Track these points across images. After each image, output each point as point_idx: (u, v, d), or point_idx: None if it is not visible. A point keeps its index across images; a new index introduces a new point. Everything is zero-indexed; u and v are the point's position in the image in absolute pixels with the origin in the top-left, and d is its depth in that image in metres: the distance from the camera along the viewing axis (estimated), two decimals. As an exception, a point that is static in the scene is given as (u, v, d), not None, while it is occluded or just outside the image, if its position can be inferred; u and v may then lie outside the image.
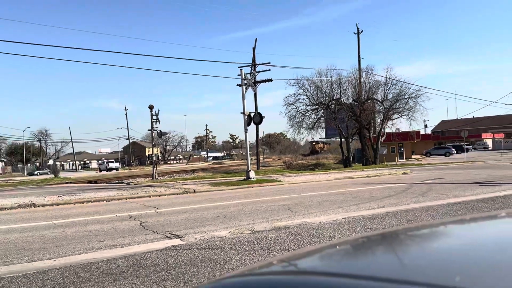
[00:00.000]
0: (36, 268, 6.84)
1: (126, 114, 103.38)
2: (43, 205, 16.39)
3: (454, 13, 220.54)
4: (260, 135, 55.11)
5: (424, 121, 72.92)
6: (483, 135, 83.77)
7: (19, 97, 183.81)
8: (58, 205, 16.59)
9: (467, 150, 60.11)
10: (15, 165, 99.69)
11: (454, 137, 76.34)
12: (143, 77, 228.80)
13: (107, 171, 73.57)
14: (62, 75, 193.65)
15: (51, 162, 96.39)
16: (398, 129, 49.02)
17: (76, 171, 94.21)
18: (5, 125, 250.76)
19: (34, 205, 16.44)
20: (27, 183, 39.34)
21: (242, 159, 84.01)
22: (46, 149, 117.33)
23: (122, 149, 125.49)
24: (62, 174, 57.99)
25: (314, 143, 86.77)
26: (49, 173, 76.89)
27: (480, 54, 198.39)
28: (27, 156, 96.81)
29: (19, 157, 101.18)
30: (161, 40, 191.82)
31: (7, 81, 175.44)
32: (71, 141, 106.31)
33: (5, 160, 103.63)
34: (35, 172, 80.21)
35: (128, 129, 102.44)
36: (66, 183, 36.46)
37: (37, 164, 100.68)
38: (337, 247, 1.26)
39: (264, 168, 43.89)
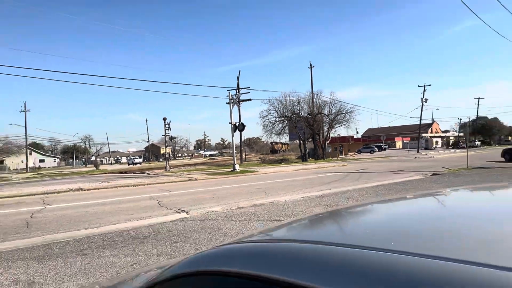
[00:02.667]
0: (83, 235, 6.73)
1: (146, 124, 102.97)
2: (88, 189, 16.06)
3: (377, 51, 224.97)
4: (243, 138, 54.99)
5: (356, 129, 74.50)
6: (396, 138, 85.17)
7: (72, 111, 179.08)
8: (98, 189, 16.27)
9: (385, 149, 61.32)
10: (67, 161, 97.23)
11: (376, 140, 77.33)
12: (159, 97, 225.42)
13: (133, 164, 72.18)
14: (101, 96, 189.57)
15: (93, 158, 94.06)
16: (339, 134, 49.83)
17: (111, 164, 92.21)
18: (60, 132, 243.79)
19: (81, 189, 16.09)
20: (75, 173, 38.35)
21: (229, 156, 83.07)
22: (90, 149, 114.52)
23: (144, 149, 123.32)
24: (101, 167, 56.68)
25: (273, 144, 79.82)
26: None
27: (390, 83, 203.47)
28: (75, 154, 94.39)
29: (70, 154, 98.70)
30: (174, 70, 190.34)
31: (60, 99, 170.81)
32: (108, 143, 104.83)
33: (60, 157, 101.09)
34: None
35: (148, 134, 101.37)
36: (105, 173, 35.66)
37: (83, 160, 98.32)
38: (299, 222, 1.29)
39: (245, 162, 43.74)
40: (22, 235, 6.95)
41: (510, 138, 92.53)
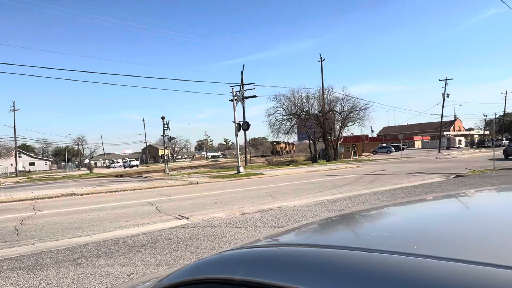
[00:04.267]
0: (76, 243, 6.78)
1: (144, 124, 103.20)
2: (81, 194, 16.18)
3: (392, 44, 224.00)
4: (248, 138, 55.01)
5: (371, 127, 73.76)
6: (415, 137, 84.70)
7: (63, 110, 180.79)
8: (92, 194, 16.39)
9: (403, 149, 60.89)
10: (59, 164, 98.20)
11: (393, 139, 76.98)
12: (157, 95, 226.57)
13: (129, 167, 72.59)
14: (96, 94, 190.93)
15: (87, 161, 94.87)
16: (352, 133, 49.78)
17: (106, 167, 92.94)
18: (52, 133, 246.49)
19: (74, 194, 16.22)
20: (68, 177, 38.64)
21: (233, 158, 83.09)
22: (83, 151, 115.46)
23: (141, 150, 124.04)
24: (95, 170, 57.09)
25: (275, 144, 73.74)
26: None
27: (408, 77, 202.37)
28: (68, 157, 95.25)
29: (62, 157, 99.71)
30: (172, 66, 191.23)
31: (52, 98, 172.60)
32: (102, 144, 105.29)
33: (52, 159, 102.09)
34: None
35: (145, 135, 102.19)
36: (99, 177, 35.93)
37: (76, 162, 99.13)
38: (308, 226, 1.29)
39: (250, 164, 43.76)
40: (11, 243, 7.02)
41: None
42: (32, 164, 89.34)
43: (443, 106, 53.85)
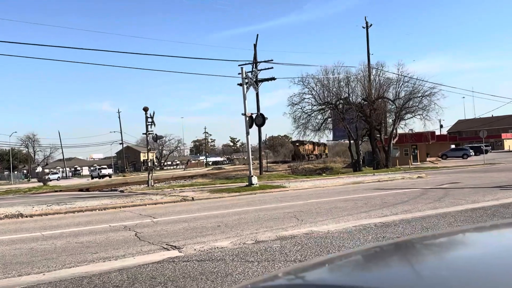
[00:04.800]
0: (23, 283, 6.84)
1: (119, 117, 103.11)
2: (31, 215, 16.42)
3: (467, 4, 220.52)
4: (263, 137, 55.16)
5: (440, 121, 72.60)
6: (503, 135, 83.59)
7: (5, 100, 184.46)
8: (47, 215, 16.61)
9: (486, 152, 60.01)
10: (1, 173, 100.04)
11: (472, 137, 76.27)
12: (137, 77, 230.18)
13: (99, 178, 73.70)
14: (51, 76, 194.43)
15: (39, 169, 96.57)
16: (411, 129, 48.97)
17: (67, 178, 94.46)
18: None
19: (21, 215, 16.46)
20: (13, 191, 39.40)
21: (244, 164, 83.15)
22: (34, 155, 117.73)
23: (115, 155, 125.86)
24: (51, 183, 58.04)
25: (297, 144, 70.48)
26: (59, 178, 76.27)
27: (499, 48, 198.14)
28: (14, 163, 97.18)
29: (5, 164, 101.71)
30: (155, 38, 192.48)
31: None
32: (61, 146, 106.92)
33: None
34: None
35: (121, 133, 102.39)
36: (56, 191, 36.52)
37: (25, 171, 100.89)
38: (348, 257, 1.25)
39: (267, 173, 43.86)
40: None
41: None
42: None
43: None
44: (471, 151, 61.83)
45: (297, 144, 71.10)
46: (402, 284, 0.77)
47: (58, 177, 77.35)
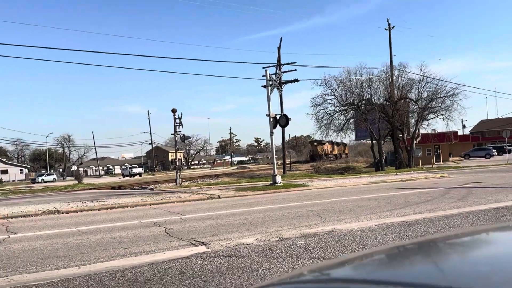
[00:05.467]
0: (60, 276, 6.99)
1: (149, 118, 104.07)
2: (67, 212, 16.77)
3: (488, 3, 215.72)
4: (286, 138, 55.00)
5: (462, 121, 71.20)
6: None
7: (43, 102, 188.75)
8: (82, 211, 16.94)
9: (510, 152, 58.51)
10: (38, 171, 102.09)
11: (494, 137, 74.38)
12: (165, 80, 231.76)
13: (130, 176, 74.54)
14: (85, 80, 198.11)
15: (74, 168, 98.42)
16: (434, 129, 48.01)
17: (100, 176, 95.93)
18: (29, 131, 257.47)
19: (58, 211, 16.83)
20: (50, 189, 40.22)
21: (267, 163, 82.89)
22: (70, 155, 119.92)
23: (145, 154, 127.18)
24: (85, 180, 59.03)
25: (315, 144, 68.42)
26: (54, 179, 77.57)
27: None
28: (50, 162, 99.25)
29: (42, 163, 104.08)
30: (182, 42, 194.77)
31: (30, 86, 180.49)
32: (94, 146, 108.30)
33: (29, 166, 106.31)
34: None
35: (151, 133, 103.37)
36: (90, 189, 37.17)
37: (61, 170, 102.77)
38: (372, 256, 1.25)
39: (291, 172, 43.74)
40: (-20, 275, 7.36)
41: None
42: (4, 172, 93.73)
43: None
44: (494, 151, 60.39)
45: (315, 144, 69.73)
46: (425, 281, 0.78)
47: (54, 178, 78.59)
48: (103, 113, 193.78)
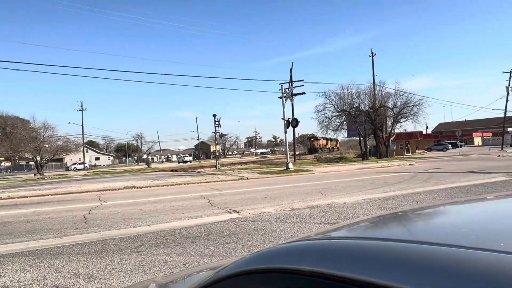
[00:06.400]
0: (136, 232, 7.18)
1: (196, 121, 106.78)
2: (140, 187, 17.11)
3: (447, 36, 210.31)
4: (296, 135, 54.54)
5: (426, 124, 69.23)
6: (474, 134, 78.82)
7: (124, 109, 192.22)
8: (150, 187, 17.26)
9: (461, 146, 57.03)
10: (120, 159, 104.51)
11: (450, 136, 72.25)
12: (209, 93, 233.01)
13: (183, 163, 75.11)
14: (153, 93, 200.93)
15: (145, 156, 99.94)
16: (405, 130, 47.26)
17: (162, 162, 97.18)
18: (114, 130, 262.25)
19: (134, 187, 17.19)
20: (128, 171, 41.01)
21: (282, 154, 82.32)
22: (141, 147, 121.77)
23: (194, 147, 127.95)
24: (152, 165, 59.98)
25: (312, 139, 64.71)
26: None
27: (466, 70, 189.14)
28: (128, 152, 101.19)
29: (123, 152, 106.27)
30: (224, 66, 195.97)
31: (117, 98, 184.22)
32: (159, 141, 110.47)
33: (114, 155, 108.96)
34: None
35: (198, 132, 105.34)
36: (155, 171, 37.69)
37: (135, 158, 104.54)
38: (359, 224, 1.27)
39: (299, 161, 43.40)
40: (81, 230, 7.62)
41: None
42: (97, 159, 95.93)
43: (507, 101, 49.32)
44: (449, 145, 58.94)
45: (312, 139, 66.69)
46: (398, 237, 0.80)
47: (75, 167, 67.13)
48: (165, 117, 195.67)
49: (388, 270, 0.53)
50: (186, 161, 77.41)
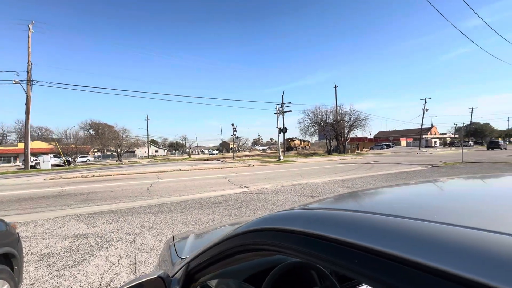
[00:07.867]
0: (180, 200, 7.15)
1: (220, 128, 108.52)
2: (184, 170, 17.09)
3: (386, 74, 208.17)
4: (285, 138, 54.26)
5: (369, 132, 68.85)
6: (401, 139, 77.88)
7: (174, 118, 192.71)
8: (190, 170, 17.23)
9: (392, 147, 56.63)
10: (171, 152, 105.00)
11: (385, 140, 71.48)
12: (230, 110, 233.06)
13: (212, 155, 75.32)
14: (192, 108, 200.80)
15: (187, 150, 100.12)
16: (356, 135, 47.15)
17: (198, 154, 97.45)
18: (168, 133, 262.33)
19: (180, 170, 17.18)
20: (176, 160, 41.07)
21: (276, 150, 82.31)
22: (185, 144, 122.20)
23: (219, 144, 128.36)
24: (192, 156, 60.10)
25: (289, 140, 59.99)
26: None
27: (399, 96, 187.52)
28: (176, 147, 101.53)
29: (173, 147, 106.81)
30: (242, 92, 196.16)
31: (168, 111, 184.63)
32: (196, 140, 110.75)
33: (167, 149, 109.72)
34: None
35: (221, 135, 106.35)
36: (194, 160, 37.73)
37: (181, 151, 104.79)
38: (326, 199, 1.23)
39: (287, 155, 43.19)
40: (145, 198, 7.62)
41: (499, 138, 79.63)
42: (156, 151, 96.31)
43: (423, 117, 49.20)
44: (385, 146, 58.42)
45: (289, 140, 62.20)
46: (352, 209, 0.77)
47: (88, 159, 47.80)
48: (201, 124, 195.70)
49: (349, 231, 0.51)
50: (213, 154, 77.56)
